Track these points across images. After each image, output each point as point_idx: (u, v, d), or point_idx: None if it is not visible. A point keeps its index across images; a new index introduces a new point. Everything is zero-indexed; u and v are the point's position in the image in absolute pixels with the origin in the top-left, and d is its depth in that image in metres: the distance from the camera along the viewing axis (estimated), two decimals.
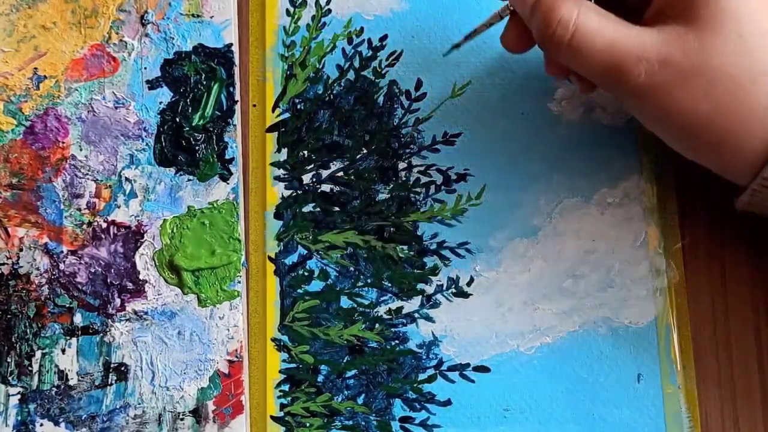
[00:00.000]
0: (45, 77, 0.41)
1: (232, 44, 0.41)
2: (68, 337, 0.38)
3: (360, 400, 0.38)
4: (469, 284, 0.39)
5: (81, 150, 0.40)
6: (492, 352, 0.38)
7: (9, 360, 0.38)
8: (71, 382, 0.38)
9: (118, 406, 0.38)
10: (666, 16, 0.31)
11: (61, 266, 0.39)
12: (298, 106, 0.41)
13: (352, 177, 0.40)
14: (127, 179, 0.40)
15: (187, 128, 0.40)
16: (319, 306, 0.39)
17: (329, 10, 0.42)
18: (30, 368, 0.38)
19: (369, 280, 0.39)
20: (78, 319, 0.39)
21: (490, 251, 0.39)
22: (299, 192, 0.40)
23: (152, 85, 0.41)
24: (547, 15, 0.32)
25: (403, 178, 0.40)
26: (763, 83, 0.30)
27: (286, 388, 0.38)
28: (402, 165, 0.40)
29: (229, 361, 0.38)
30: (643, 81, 0.31)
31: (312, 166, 0.40)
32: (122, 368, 0.38)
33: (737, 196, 0.34)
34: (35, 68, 0.41)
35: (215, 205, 0.40)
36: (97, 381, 0.38)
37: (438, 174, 0.40)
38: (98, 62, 0.41)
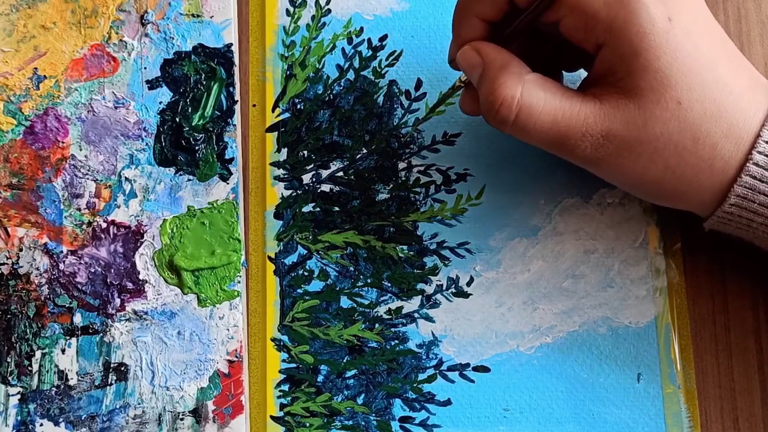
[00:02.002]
0: (45, 77, 0.41)
1: (232, 44, 0.41)
2: (68, 337, 0.38)
3: (360, 400, 0.38)
4: (469, 284, 0.39)
5: (81, 150, 0.40)
6: (492, 352, 0.38)
7: (9, 360, 0.38)
8: (71, 382, 0.38)
9: (118, 406, 0.38)
10: (607, 82, 0.32)
11: (61, 266, 0.39)
12: (298, 106, 0.41)
13: (352, 177, 0.40)
14: (126, 179, 0.40)
15: (187, 128, 0.40)
16: (319, 306, 0.39)
17: (329, 10, 0.42)
18: (30, 368, 0.38)
19: (369, 280, 0.39)
20: (78, 319, 0.39)
21: (490, 251, 0.39)
22: (299, 192, 0.40)
23: (152, 85, 0.41)
24: (490, 95, 0.32)
25: (403, 178, 0.40)
26: (704, 142, 0.31)
27: (286, 388, 0.38)
28: (402, 165, 0.40)
29: (229, 361, 0.38)
30: (589, 154, 0.32)
31: (312, 166, 0.40)
32: (122, 368, 0.38)
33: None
34: (35, 68, 0.41)
35: (215, 205, 0.40)
36: (97, 381, 0.38)
37: (438, 174, 0.40)
38: (98, 62, 0.41)
